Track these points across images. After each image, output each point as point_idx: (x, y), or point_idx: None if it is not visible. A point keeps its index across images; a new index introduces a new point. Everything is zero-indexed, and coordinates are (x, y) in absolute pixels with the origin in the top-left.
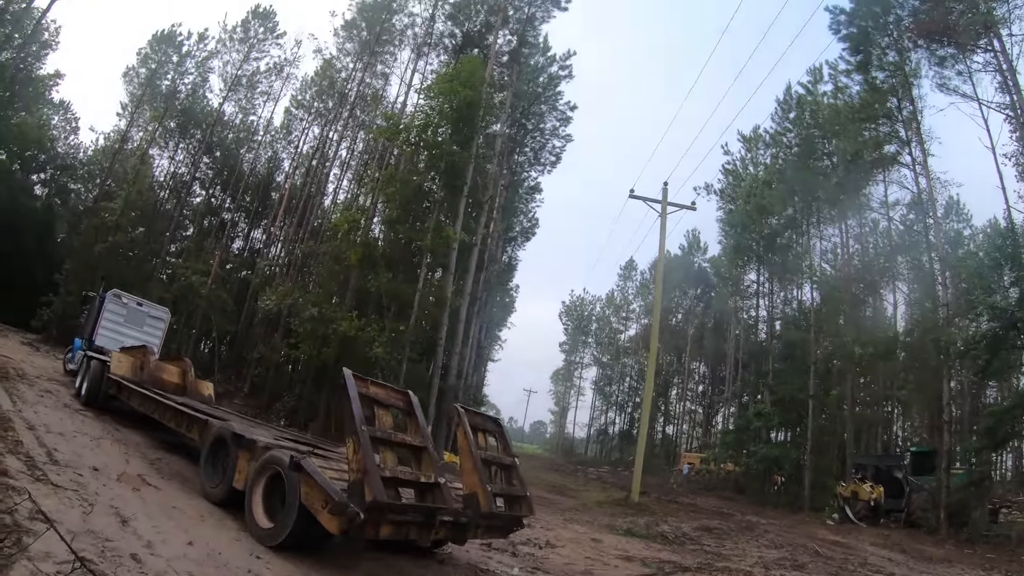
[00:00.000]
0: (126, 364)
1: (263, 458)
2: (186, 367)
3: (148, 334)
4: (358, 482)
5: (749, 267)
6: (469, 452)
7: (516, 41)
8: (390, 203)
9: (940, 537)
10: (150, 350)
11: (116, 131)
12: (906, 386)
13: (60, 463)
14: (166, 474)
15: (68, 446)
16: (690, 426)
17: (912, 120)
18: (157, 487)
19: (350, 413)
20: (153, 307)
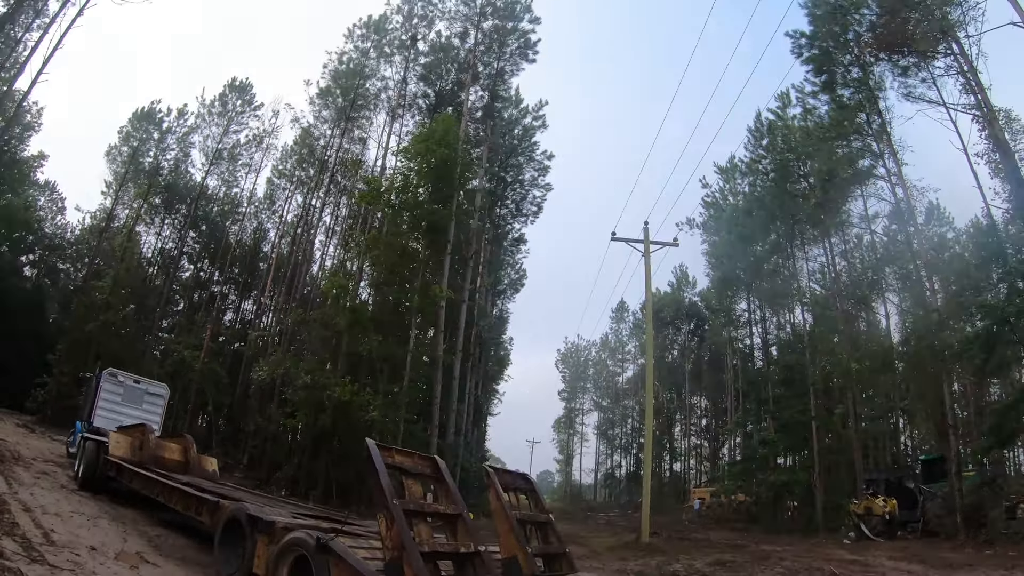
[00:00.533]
0: (124, 444)
1: (284, 541)
2: (188, 444)
3: (147, 412)
4: (396, 561)
5: (739, 296)
6: (504, 514)
7: (488, 96)
8: (376, 266)
9: (959, 542)
10: (149, 428)
11: (102, 209)
12: (908, 395)
13: (57, 543)
14: (165, 551)
15: (65, 526)
16: (697, 461)
17: (882, 132)
18: (156, 564)
19: (379, 487)
20: (151, 384)
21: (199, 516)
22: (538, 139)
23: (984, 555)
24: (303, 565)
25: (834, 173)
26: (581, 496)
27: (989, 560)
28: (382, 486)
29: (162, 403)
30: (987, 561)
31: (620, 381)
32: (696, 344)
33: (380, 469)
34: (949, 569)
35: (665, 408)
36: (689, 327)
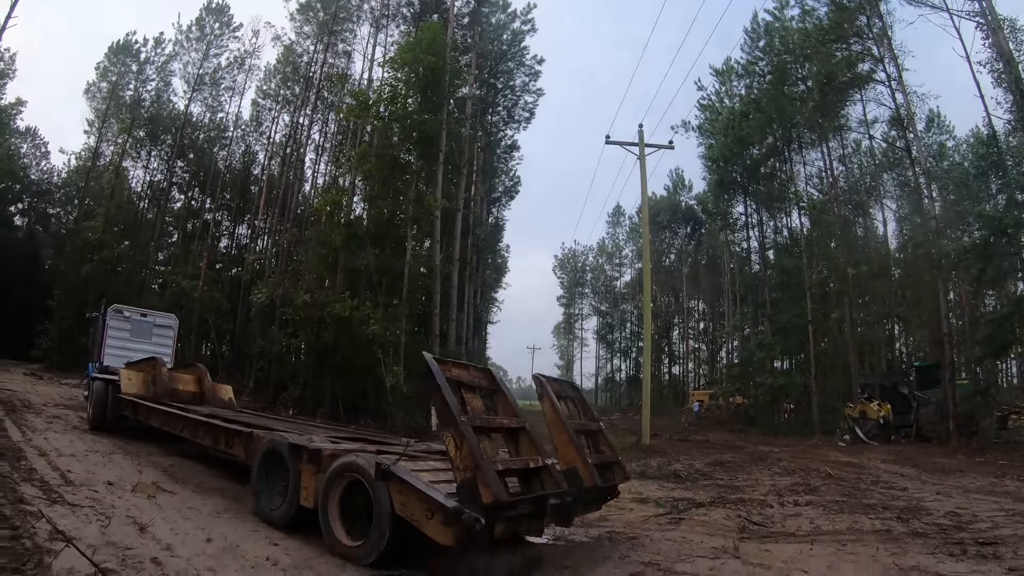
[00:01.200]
0: (136, 380)
1: (333, 467)
2: (202, 373)
3: (158, 344)
4: (469, 481)
5: (736, 200)
6: (562, 424)
7: (474, 1)
8: (368, 180)
9: (951, 448)
10: (160, 361)
11: (86, 149)
12: (904, 302)
13: (75, 483)
14: (180, 479)
15: (81, 466)
16: (695, 364)
17: (883, 36)
18: (172, 492)
19: (444, 404)
20: (158, 315)
21: (230, 449)
22: (528, 43)
23: (975, 462)
24: (356, 492)
25: (833, 76)
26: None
27: (980, 467)
28: (447, 403)
29: (172, 334)
30: (978, 468)
31: (618, 286)
32: (693, 248)
33: (443, 385)
34: (941, 474)
35: (663, 312)
36: (686, 231)
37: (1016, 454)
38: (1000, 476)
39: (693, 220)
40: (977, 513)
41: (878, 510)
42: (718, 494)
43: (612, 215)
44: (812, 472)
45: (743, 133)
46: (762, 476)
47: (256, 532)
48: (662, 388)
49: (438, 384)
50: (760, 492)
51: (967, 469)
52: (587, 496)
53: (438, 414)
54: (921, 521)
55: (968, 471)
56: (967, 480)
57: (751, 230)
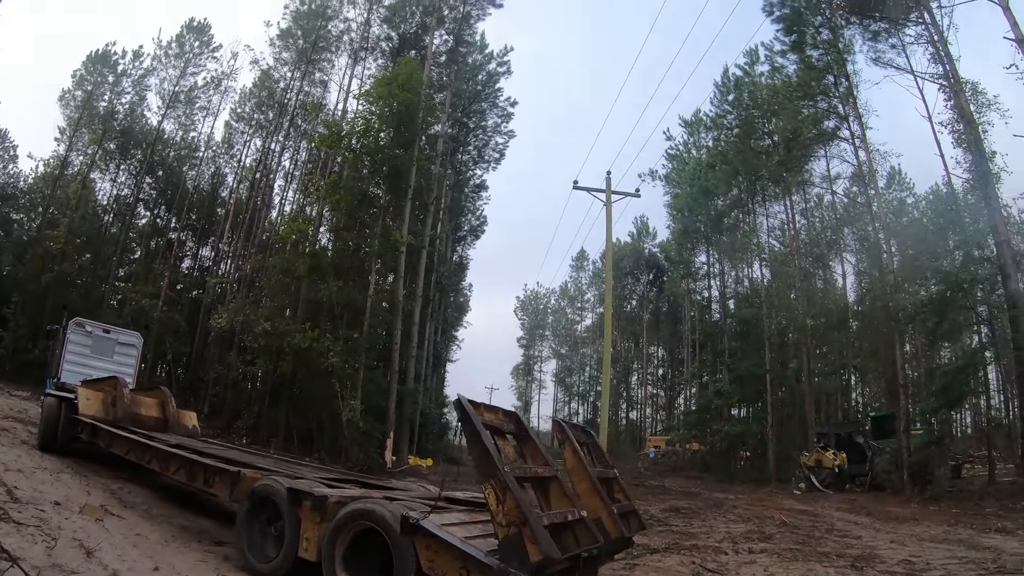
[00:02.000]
0: (95, 401)
1: (340, 516)
2: (165, 398)
3: (120, 363)
4: (515, 538)
5: (699, 249)
6: (585, 472)
7: (453, 40)
8: (336, 211)
9: (905, 497)
10: (122, 381)
11: (55, 156)
12: (861, 353)
13: (21, 500)
14: (128, 503)
15: (28, 483)
16: (653, 410)
17: (849, 95)
18: (121, 516)
19: (484, 452)
20: (122, 333)
21: (208, 488)
22: (502, 85)
23: (929, 510)
24: (366, 543)
25: (798, 132)
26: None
27: (934, 515)
28: (488, 451)
29: (135, 354)
30: (932, 516)
31: (579, 329)
32: (655, 295)
33: (482, 431)
34: (895, 522)
35: (623, 357)
36: (648, 278)
37: (969, 503)
38: (953, 524)
39: (656, 267)
40: (931, 561)
41: (832, 558)
42: (673, 540)
43: (576, 259)
44: (767, 519)
45: (709, 184)
46: (717, 523)
47: (203, 562)
48: (619, 433)
49: (476, 430)
50: (715, 539)
51: (921, 517)
52: (611, 547)
53: (476, 463)
54: (875, 569)
55: (922, 519)
56: (921, 528)
57: (712, 279)
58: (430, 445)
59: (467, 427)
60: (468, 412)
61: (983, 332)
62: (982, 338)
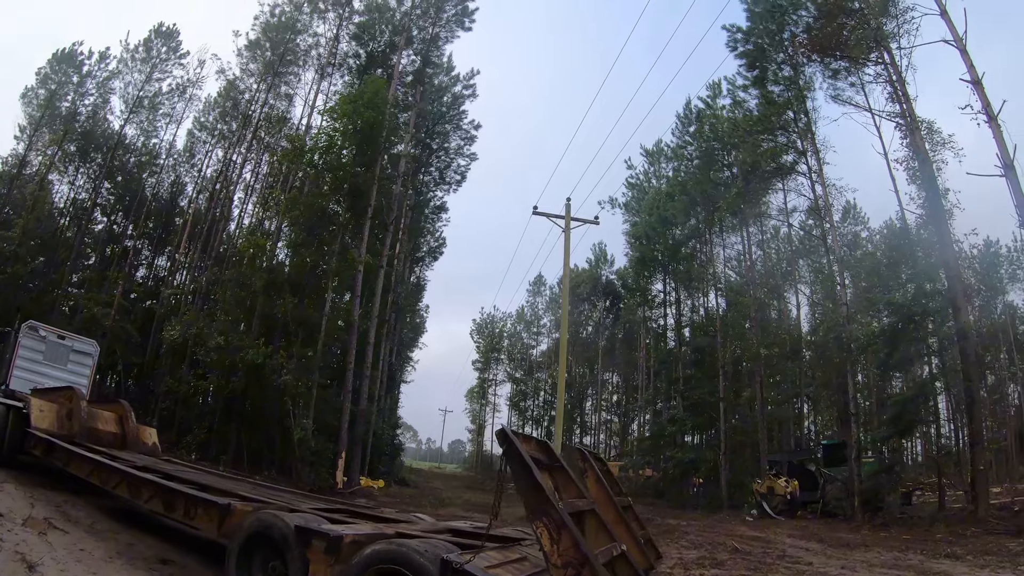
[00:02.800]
0: (49, 413)
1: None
2: (125, 412)
3: (73, 373)
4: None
5: (656, 277)
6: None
7: (420, 61)
8: (295, 227)
9: (856, 524)
10: (79, 393)
11: (14, 155)
12: (814, 383)
13: None
14: (73, 518)
15: None
16: (607, 435)
17: (807, 131)
18: (64, 531)
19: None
20: (77, 340)
21: (190, 521)
22: (467, 108)
23: (880, 536)
24: None
25: (757, 165)
26: (492, 465)
27: (884, 541)
28: (540, 487)
29: (91, 363)
30: (882, 542)
31: (534, 354)
32: (611, 321)
33: (532, 466)
34: (846, 548)
35: (578, 382)
36: (605, 304)
37: (919, 529)
38: (904, 550)
39: (613, 294)
40: None
41: None
42: None
43: (533, 284)
44: (719, 546)
45: (667, 213)
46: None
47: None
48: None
49: (526, 463)
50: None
51: (872, 544)
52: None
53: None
54: None
55: (873, 546)
56: (872, 555)
57: (669, 307)
58: (382, 466)
59: (514, 461)
60: (515, 445)
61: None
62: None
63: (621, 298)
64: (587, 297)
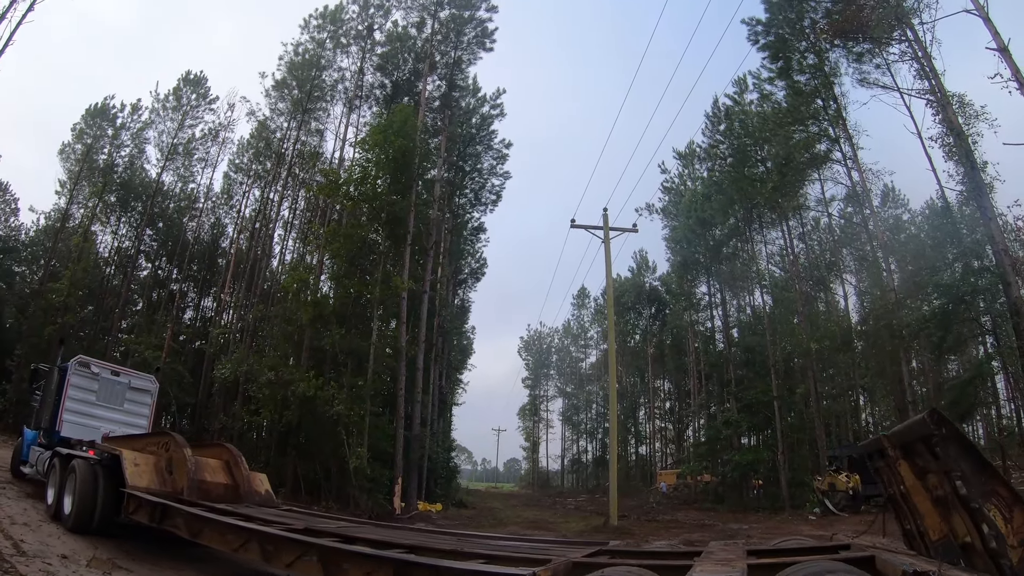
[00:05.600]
0: (146, 468)
1: None
2: (234, 457)
3: (131, 413)
4: None
5: (699, 280)
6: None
7: (446, 86)
8: (336, 259)
9: None
10: (179, 439)
11: (56, 209)
12: (867, 373)
13: (28, 554)
14: (136, 556)
15: (35, 536)
16: (662, 443)
17: (838, 117)
18: (128, 569)
19: (979, 467)
20: (135, 375)
21: None
22: (496, 127)
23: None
24: None
25: (791, 157)
26: (549, 482)
27: None
28: (988, 465)
29: (150, 401)
30: None
31: (584, 367)
32: (658, 328)
33: (974, 444)
34: None
35: (629, 392)
36: (650, 311)
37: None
38: None
39: (657, 301)
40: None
41: None
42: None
43: (577, 297)
44: None
45: (705, 215)
46: None
47: None
48: (629, 468)
49: (970, 444)
50: None
51: None
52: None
53: (970, 481)
54: None
55: None
56: None
57: (714, 309)
58: (439, 490)
59: (954, 444)
60: (954, 425)
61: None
62: (988, 349)
63: (666, 304)
64: (632, 305)
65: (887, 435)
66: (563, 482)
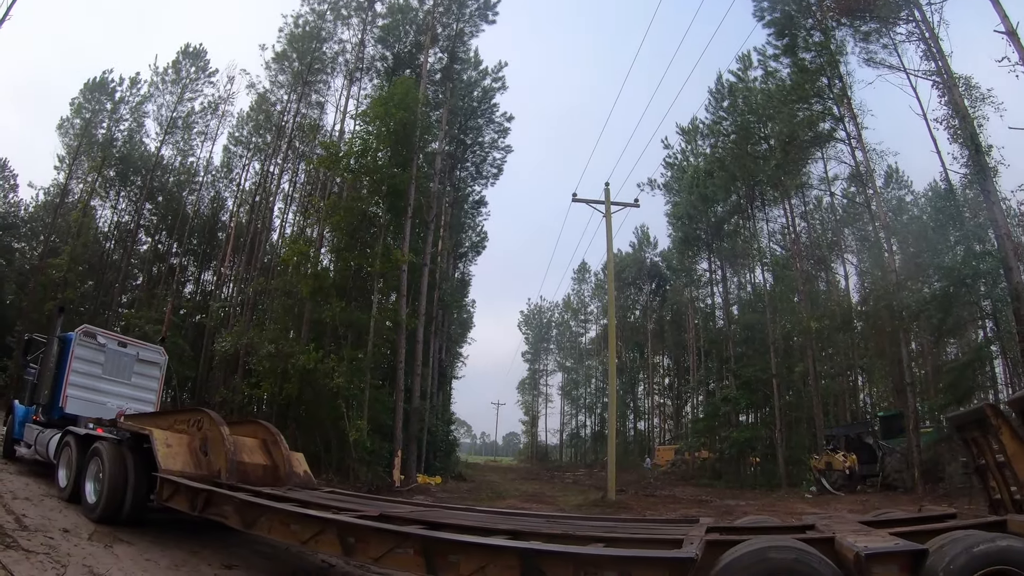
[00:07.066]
0: (179, 449)
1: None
2: (271, 435)
3: (139, 387)
4: None
5: (700, 257)
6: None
7: (447, 58)
8: (336, 232)
9: (917, 496)
10: (215, 416)
11: (55, 185)
12: (867, 354)
13: (30, 528)
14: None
15: (37, 510)
16: (661, 419)
17: (843, 96)
18: (130, 542)
19: None
20: (143, 346)
21: None
22: (498, 101)
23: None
24: None
25: (795, 135)
26: (547, 456)
27: None
28: None
29: (158, 374)
30: None
31: (583, 342)
32: (658, 304)
33: None
34: None
35: (628, 367)
36: (651, 287)
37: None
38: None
39: (658, 276)
40: None
41: None
42: None
43: (578, 271)
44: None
45: (707, 191)
46: None
47: None
48: (627, 443)
49: None
50: None
51: None
52: None
53: None
54: None
55: None
56: None
57: (715, 286)
58: (438, 463)
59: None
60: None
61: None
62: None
63: (667, 280)
64: (632, 281)
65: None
66: (562, 456)
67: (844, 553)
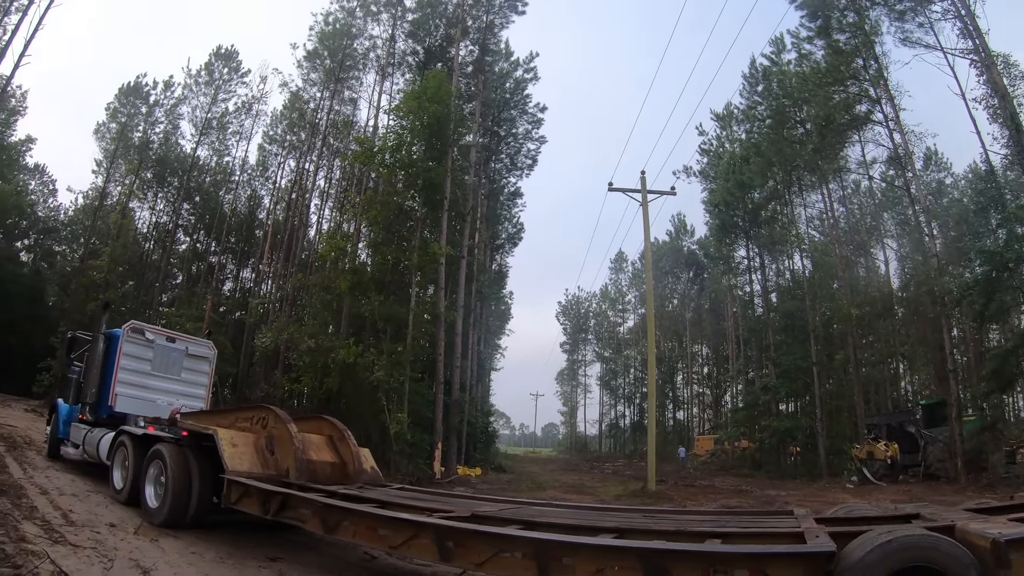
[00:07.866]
0: (246, 448)
1: None
2: (338, 432)
3: (189, 383)
4: None
5: (738, 244)
6: None
7: (478, 51)
8: (373, 226)
9: (960, 485)
10: (282, 414)
11: (94, 188)
12: (908, 341)
13: (77, 523)
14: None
15: (83, 506)
16: (700, 409)
17: (879, 77)
18: (175, 536)
19: None
20: (192, 341)
21: None
22: (530, 91)
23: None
24: None
25: (831, 119)
26: (587, 447)
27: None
28: None
29: (208, 368)
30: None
31: (621, 331)
32: (696, 292)
33: None
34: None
35: (667, 357)
36: (688, 275)
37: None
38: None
39: (696, 265)
40: None
41: None
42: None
43: (615, 261)
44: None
45: (744, 177)
46: None
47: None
48: (667, 434)
49: None
50: None
51: None
52: None
53: None
54: None
55: None
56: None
57: (753, 273)
58: (478, 454)
59: None
60: None
61: None
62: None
63: (704, 268)
64: (670, 270)
65: None
66: (601, 447)
67: (972, 540)
